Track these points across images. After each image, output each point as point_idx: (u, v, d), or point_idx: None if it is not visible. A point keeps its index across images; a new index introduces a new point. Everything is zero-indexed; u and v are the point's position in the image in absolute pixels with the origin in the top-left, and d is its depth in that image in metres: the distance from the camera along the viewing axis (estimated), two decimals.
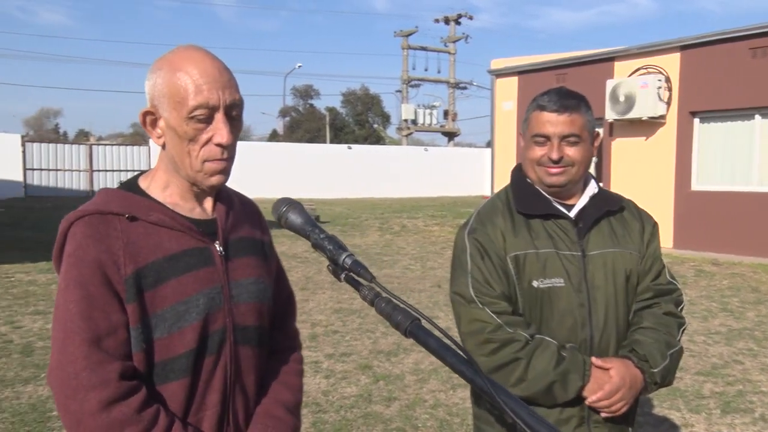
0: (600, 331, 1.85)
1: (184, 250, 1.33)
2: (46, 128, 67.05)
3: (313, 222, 1.32)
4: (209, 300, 1.33)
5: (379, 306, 1.19)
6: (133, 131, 58.16)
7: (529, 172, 1.92)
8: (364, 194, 27.85)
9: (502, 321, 1.78)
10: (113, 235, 1.28)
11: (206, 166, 1.33)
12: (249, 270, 1.44)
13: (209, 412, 1.35)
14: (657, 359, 1.83)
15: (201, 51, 1.35)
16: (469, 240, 1.89)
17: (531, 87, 13.24)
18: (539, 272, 1.82)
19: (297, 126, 56.07)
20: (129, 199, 1.34)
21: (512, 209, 1.91)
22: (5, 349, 5.53)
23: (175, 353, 1.30)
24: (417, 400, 4.56)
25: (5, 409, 4.24)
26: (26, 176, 23.59)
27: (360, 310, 7.22)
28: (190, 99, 1.28)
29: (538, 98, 1.89)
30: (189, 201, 1.40)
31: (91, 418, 1.20)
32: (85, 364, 1.21)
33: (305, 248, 11.82)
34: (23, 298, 7.44)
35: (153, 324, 1.28)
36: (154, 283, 1.29)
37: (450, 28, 38.94)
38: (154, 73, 1.33)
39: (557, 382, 1.75)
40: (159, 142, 1.36)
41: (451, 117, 38.93)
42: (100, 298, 1.25)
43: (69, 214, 1.33)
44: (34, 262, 9.53)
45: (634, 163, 12.72)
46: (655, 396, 4.64)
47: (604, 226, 1.92)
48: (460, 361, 1.10)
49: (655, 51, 12.35)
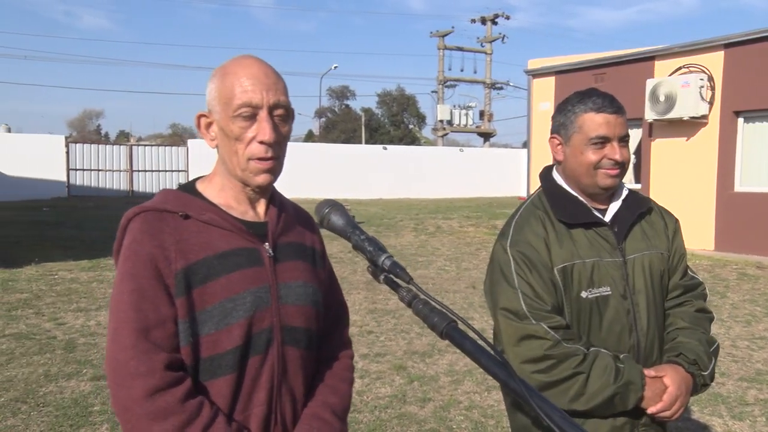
0: (645, 336, 1.84)
1: (234, 249, 1.38)
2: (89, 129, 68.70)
3: (354, 224, 1.35)
4: (256, 298, 1.37)
5: (416, 307, 1.21)
6: (172, 132, 59.21)
7: (583, 177, 1.85)
8: (399, 195, 27.84)
9: (559, 336, 1.74)
10: (166, 231, 1.34)
11: (251, 164, 1.38)
12: (297, 273, 1.47)
13: (256, 410, 1.38)
14: (706, 361, 1.83)
15: (252, 57, 1.42)
16: (512, 252, 1.83)
17: (568, 87, 13.05)
18: (587, 283, 1.80)
19: (333, 127, 56.39)
20: (184, 199, 1.41)
21: (552, 218, 1.86)
22: (49, 345, 5.68)
23: (222, 349, 1.33)
24: (451, 402, 4.54)
25: (49, 403, 4.35)
26: (69, 176, 24.20)
27: (395, 310, 7.22)
28: (235, 98, 1.35)
29: (586, 100, 1.83)
30: (242, 204, 1.45)
31: (137, 405, 1.24)
32: (133, 353, 1.25)
33: (340, 248, 11.87)
34: (66, 296, 7.64)
35: (201, 319, 1.32)
36: (204, 280, 1.33)
37: (487, 28, 38.70)
38: (211, 80, 1.42)
39: (618, 395, 1.73)
40: (212, 144, 1.43)
41: (487, 117, 38.68)
42: (150, 290, 1.29)
43: (129, 210, 1.39)
44: (77, 260, 9.78)
45: (673, 164, 12.46)
46: (695, 401, 4.53)
47: (637, 229, 1.92)
48: (494, 364, 1.10)
49: (698, 49, 12.06)
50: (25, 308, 6.98)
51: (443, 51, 37.83)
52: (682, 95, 11.69)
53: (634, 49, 13.61)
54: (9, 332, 6.05)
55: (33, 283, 8.29)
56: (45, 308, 7.01)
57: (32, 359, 5.27)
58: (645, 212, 1.94)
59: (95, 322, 6.50)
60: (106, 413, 4.19)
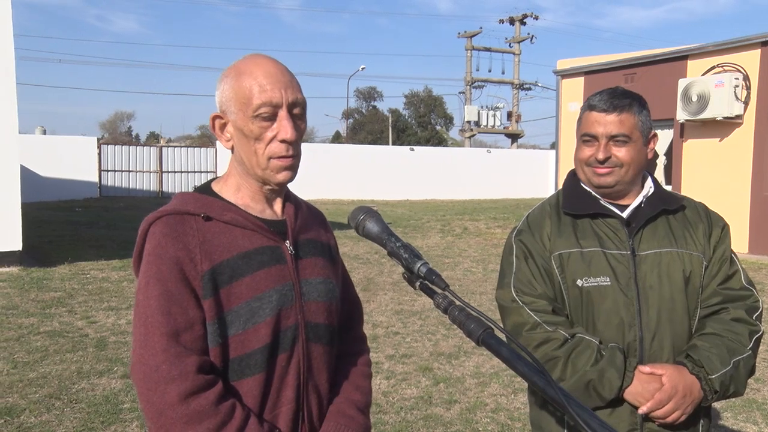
0: (651, 333, 1.77)
1: (257, 248, 1.38)
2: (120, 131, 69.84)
3: (389, 230, 1.35)
4: (281, 296, 1.37)
5: (452, 314, 1.22)
6: (201, 133, 59.89)
7: (579, 172, 1.92)
8: (426, 196, 27.79)
9: (540, 319, 1.76)
10: (190, 234, 1.34)
11: (272, 163, 1.38)
12: (317, 270, 1.48)
13: (284, 409, 1.38)
14: (715, 365, 1.71)
15: (264, 56, 1.42)
16: (515, 242, 1.92)
17: (598, 87, 12.87)
18: (584, 271, 1.80)
19: (360, 128, 56.54)
20: (204, 200, 1.40)
21: (560, 211, 1.91)
22: (81, 343, 5.79)
23: (250, 349, 1.34)
24: (478, 404, 4.51)
25: (81, 400, 4.43)
26: (101, 177, 24.63)
27: (421, 311, 7.21)
28: (254, 98, 1.34)
29: (591, 98, 1.88)
30: (259, 203, 1.45)
31: (171, 410, 1.24)
32: (164, 357, 1.25)
33: (366, 249, 11.89)
34: (98, 294, 7.78)
35: (229, 320, 1.33)
36: (229, 280, 1.33)
37: (515, 28, 38.46)
38: (222, 80, 1.40)
39: (594, 380, 1.69)
40: (228, 145, 1.42)
41: (515, 118, 38.41)
42: (177, 294, 1.29)
43: (148, 215, 1.39)
44: (108, 260, 9.94)
45: (706, 165, 12.23)
46: (729, 407, 4.44)
47: (660, 226, 1.86)
48: (532, 371, 1.10)
49: (733, 48, 11.82)
50: (58, 306, 7.12)
51: (471, 52, 37.68)
52: (716, 95, 11.47)
53: (666, 49, 13.40)
54: (43, 329, 6.18)
55: (66, 281, 8.45)
56: (77, 306, 7.15)
57: (65, 356, 5.37)
58: (674, 210, 1.89)
59: (125, 320, 6.60)
60: (135, 411, 4.25)
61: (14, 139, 9.13)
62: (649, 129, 1.87)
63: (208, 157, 26.54)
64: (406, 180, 27.93)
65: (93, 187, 24.17)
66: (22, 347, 5.60)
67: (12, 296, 7.53)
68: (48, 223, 14.63)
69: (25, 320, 6.50)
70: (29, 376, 4.87)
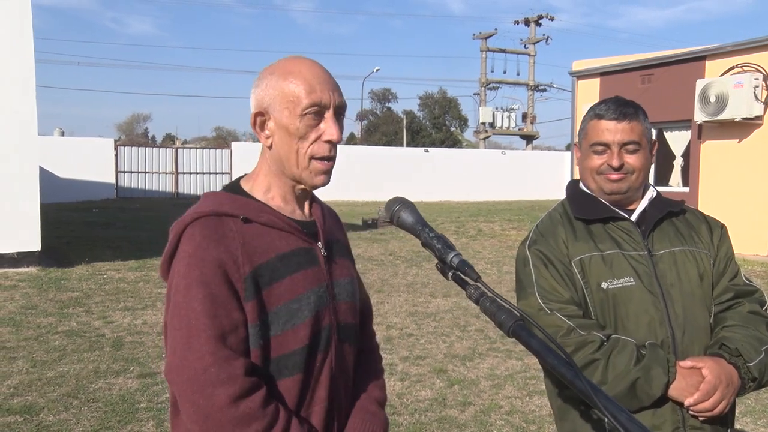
0: (681, 329, 1.79)
1: (293, 250, 1.39)
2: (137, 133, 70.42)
3: (423, 221, 1.37)
4: (318, 298, 1.39)
5: (483, 305, 1.23)
6: (216, 135, 60.25)
7: (589, 182, 1.93)
8: (441, 197, 27.74)
9: (573, 324, 1.74)
10: (230, 236, 1.33)
11: (313, 164, 1.39)
12: (345, 270, 1.51)
13: (318, 407, 1.40)
14: (751, 353, 1.74)
15: (310, 59, 1.43)
16: (530, 252, 1.89)
17: (614, 88, 12.82)
18: (607, 274, 1.81)
19: (374, 129, 56.56)
20: (239, 201, 1.40)
21: (571, 218, 1.92)
22: (98, 343, 5.84)
23: (290, 349, 1.35)
24: (492, 406, 4.49)
25: (98, 399, 4.47)
26: (118, 178, 24.85)
27: (435, 313, 7.20)
28: (304, 97, 1.35)
29: (595, 107, 1.92)
30: (290, 203, 1.46)
31: (220, 413, 1.24)
32: (212, 360, 1.25)
33: (381, 251, 11.90)
34: (114, 295, 7.85)
35: (269, 321, 1.33)
36: (269, 282, 1.34)
37: (530, 29, 38.31)
38: (265, 78, 1.40)
39: (640, 379, 1.68)
40: (267, 142, 1.42)
41: (530, 120, 38.26)
42: (222, 296, 1.29)
43: (180, 218, 1.37)
44: (125, 261, 10.03)
45: (724, 167, 12.09)
46: (749, 412, 4.39)
47: (668, 227, 1.92)
48: (561, 363, 1.11)
49: (752, 48, 11.66)
50: (76, 306, 7.20)
51: (486, 53, 37.58)
52: (735, 95, 11.33)
53: (684, 49, 13.26)
54: (61, 329, 6.25)
55: (83, 282, 8.54)
56: (94, 307, 7.21)
57: (82, 356, 5.43)
58: (677, 212, 1.96)
59: (141, 321, 6.66)
60: (152, 410, 4.28)
61: (34, 141, 9.25)
62: (651, 135, 1.94)
63: (223, 158, 26.69)
64: (421, 182, 27.90)
65: (110, 188, 24.39)
66: (40, 346, 5.67)
67: (31, 296, 7.62)
68: (66, 224, 14.79)
69: (44, 320, 6.58)
70: (47, 375, 4.93)
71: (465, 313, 7.15)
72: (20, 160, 9.07)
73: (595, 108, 1.90)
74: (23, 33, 9.03)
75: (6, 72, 8.94)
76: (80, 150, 23.64)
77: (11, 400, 4.41)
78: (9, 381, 4.77)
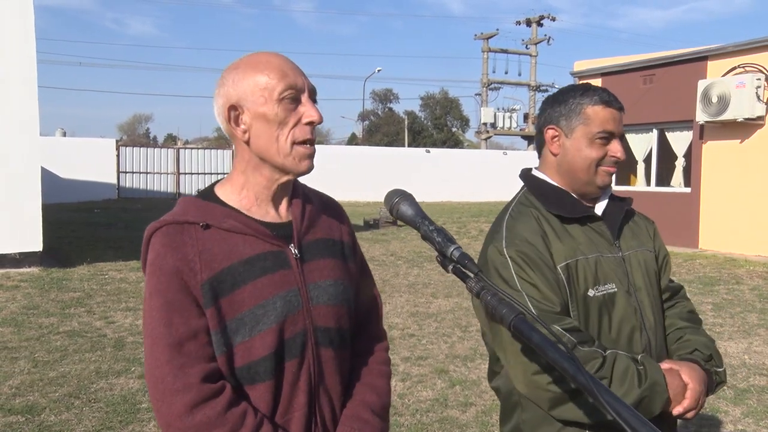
0: (654, 334, 1.74)
1: (258, 254, 1.35)
2: (139, 133, 70.47)
3: (423, 214, 1.35)
4: (286, 303, 1.34)
5: (484, 298, 1.22)
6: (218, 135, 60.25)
7: (580, 173, 1.73)
8: (442, 198, 27.74)
9: (575, 339, 1.56)
10: (189, 243, 1.32)
11: (296, 149, 1.36)
12: (327, 272, 1.43)
13: (297, 414, 1.36)
14: (720, 358, 1.75)
15: (271, 51, 1.41)
16: (509, 253, 1.65)
17: (616, 89, 12.74)
18: (593, 280, 1.67)
19: (376, 130, 56.58)
20: (204, 208, 1.37)
21: (545, 214, 1.73)
22: (100, 343, 5.84)
23: (257, 356, 1.32)
24: (494, 406, 4.48)
25: (100, 399, 4.48)
26: (119, 179, 24.87)
27: (437, 314, 7.19)
28: (278, 82, 1.33)
29: (597, 93, 1.73)
30: (263, 203, 1.41)
31: (179, 421, 1.24)
32: (168, 369, 1.26)
33: (382, 252, 11.89)
34: (116, 295, 7.85)
35: (232, 328, 1.31)
36: (231, 288, 1.31)
37: (532, 30, 38.31)
38: (230, 75, 1.37)
39: (645, 399, 1.58)
40: (244, 137, 1.37)
41: (532, 120, 38.23)
42: (178, 304, 1.29)
43: (151, 224, 1.38)
44: (126, 261, 10.04)
45: (726, 167, 12.07)
46: (751, 413, 4.38)
47: (626, 227, 1.83)
48: (562, 357, 1.10)
49: (755, 48, 11.65)
50: (77, 306, 7.20)
51: (487, 53, 37.58)
52: (737, 96, 11.32)
53: (685, 50, 13.25)
54: (63, 329, 6.25)
55: (85, 282, 8.55)
56: (96, 307, 7.22)
57: (84, 356, 5.43)
58: (629, 211, 1.86)
59: (142, 321, 6.65)
60: (152, 411, 4.28)
61: (35, 142, 9.26)
62: None
63: (224, 158, 26.70)
64: (422, 182, 27.88)
65: (111, 189, 24.41)
66: (42, 347, 5.67)
67: (33, 296, 7.63)
68: (68, 224, 14.80)
69: (46, 320, 6.58)
70: (49, 375, 4.93)
71: (466, 313, 7.15)
72: (22, 160, 9.08)
73: (597, 94, 1.72)
74: (25, 33, 9.05)
75: (8, 72, 8.96)
76: (82, 150, 23.67)
77: (13, 400, 4.41)
78: (11, 381, 4.77)
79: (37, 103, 9.20)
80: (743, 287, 8.90)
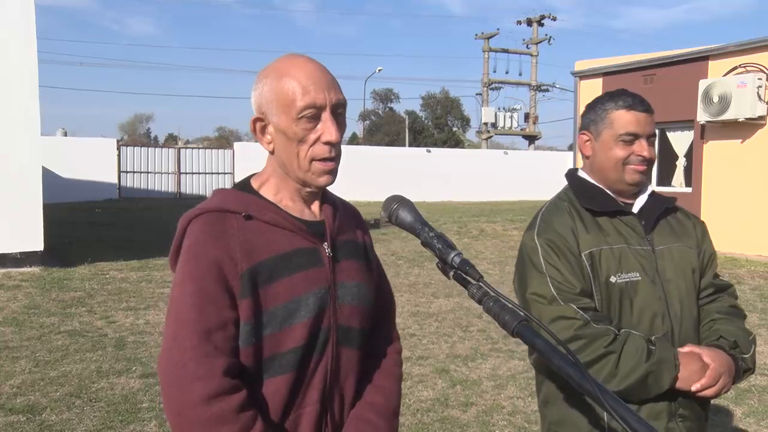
0: (679, 323, 1.86)
1: (295, 250, 1.37)
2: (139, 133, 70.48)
3: (422, 220, 1.34)
4: (318, 299, 1.36)
5: (486, 305, 1.21)
6: (219, 135, 60.28)
7: (609, 172, 1.91)
8: (443, 198, 27.71)
9: (588, 317, 1.76)
10: (230, 233, 1.33)
11: (314, 165, 1.37)
12: (353, 273, 1.46)
13: (308, 409, 1.37)
14: (747, 345, 1.85)
15: (304, 57, 1.40)
16: (539, 241, 1.87)
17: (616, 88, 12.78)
18: (616, 268, 1.83)
19: (377, 129, 56.56)
20: (245, 199, 1.39)
21: (578, 208, 1.92)
22: (100, 343, 5.85)
23: (285, 348, 1.33)
24: (494, 406, 4.49)
25: (101, 399, 4.48)
26: (120, 178, 24.87)
27: (437, 313, 7.20)
28: (298, 100, 1.33)
29: (620, 97, 1.91)
30: (298, 203, 1.44)
31: (192, 410, 1.23)
32: (192, 355, 1.24)
33: (383, 251, 11.89)
34: (117, 295, 7.86)
35: (264, 320, 1.32)
36: (268, 280, 1.32)
37: (532, 29, 38.28)
38: (261, 82, 1.39)
39: (651, 374, 1.72)
40: (269, 147, 1.40)
41: (532, 120, 38.23)
42: (213, 293, 1.28)
43: (188, 212, 1.38)
44: (127, 261, 10.04)
45: (727, 167, 12.06)
46: (752, 412, 4.38)
47: (664, 223, 1.96)
48: (567, 363, 1.09)
49: (756, 47, 11.62)
50: (78, 306, 7.21)
51: (488, 53, 37.56)
52: (738, 96, 11.30)
53: (686, 49, 13.23)
54: (64, 329, 6.26)
55: (86, 282, 8.55)
56: (97, 306, 7.22)
57: (85, 356, 5.43)
58: (671, 209, 2.00)
59: (144, 320, 6.66)
60: (154, 410, 4.28)
61: (37, 142, 9.26)
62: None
63: (225, 158, 26.70)
64: (423, 182, 27.88)
65: (112, 189, 24.41)
66: (43, 346, 5.68)
67: (34, 296, 7.64)
68: (69, 224, 14.80)
69: (47, 320, 6.59)
70: (50, 374, 4.94)
71: (467, 313, 7.15)
72: (23, 160, 9.09)
73: (617, 99, 1.91)
74: (27, 33, 9.05)
75: (9, 72, 8.96)
76: (83, 150, 23.66)
77: (14, 399, 4.42)
78: (12, 381, 4.78)
79: (38, 103, 9.21)
80: (744, 287, 8.89)
